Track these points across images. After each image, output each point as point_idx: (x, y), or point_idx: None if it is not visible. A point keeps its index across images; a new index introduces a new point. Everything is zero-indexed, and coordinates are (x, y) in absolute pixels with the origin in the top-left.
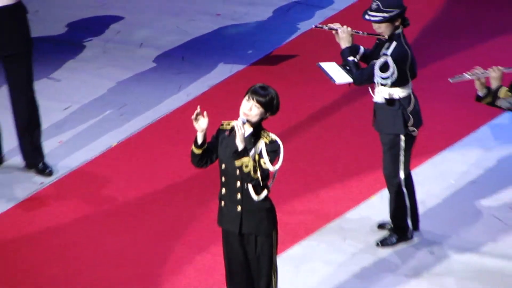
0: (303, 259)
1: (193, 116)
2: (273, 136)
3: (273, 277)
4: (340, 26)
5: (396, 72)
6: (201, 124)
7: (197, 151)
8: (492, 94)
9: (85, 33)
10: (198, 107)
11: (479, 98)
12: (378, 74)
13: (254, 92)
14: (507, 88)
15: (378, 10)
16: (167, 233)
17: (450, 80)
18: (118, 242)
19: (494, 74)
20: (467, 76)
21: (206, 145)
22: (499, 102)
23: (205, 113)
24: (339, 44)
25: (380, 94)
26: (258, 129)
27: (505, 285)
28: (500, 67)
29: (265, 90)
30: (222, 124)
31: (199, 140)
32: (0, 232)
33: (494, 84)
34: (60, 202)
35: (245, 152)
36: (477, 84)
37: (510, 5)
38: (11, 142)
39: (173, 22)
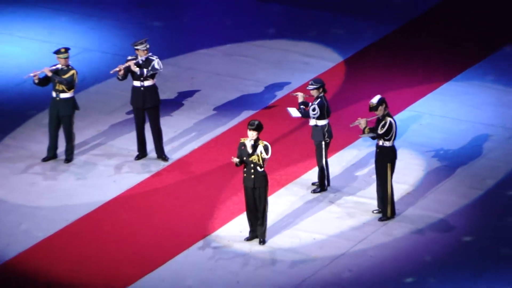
0: (278, 198)
1: (234, 160)
2: (265, 142)
3: (266, 207)
4: (299, 93)
5: (319, 112)
6: (236, 160)
7: (239, 165)
8: (363, 130)
9: (181, 97)
10: (232, 157)
11: (362, 133)
12: (311, 113)
13: (249, 125)
14: (368, 128)
15: (312, 84)
16: (220, 186)
17: (350, 125)
18: (194, 189)
19: (362, 122)
20: (355, 123)
21: (241, 162)
22: (364, 135)
23: (235, 158)
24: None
25: (313, 122)
26: (257, 141)
27: (370, 211)
28: (366, 118)
29: (253, 123)
30: (241, 140)
31: (239, 164)
32: (143, 187)
33: (362, 126)
34: (171, 173)
35: (253, 153)
36: (359, 126)
37: (383, 82)
38: (150, 147)
39: (222, 94)
